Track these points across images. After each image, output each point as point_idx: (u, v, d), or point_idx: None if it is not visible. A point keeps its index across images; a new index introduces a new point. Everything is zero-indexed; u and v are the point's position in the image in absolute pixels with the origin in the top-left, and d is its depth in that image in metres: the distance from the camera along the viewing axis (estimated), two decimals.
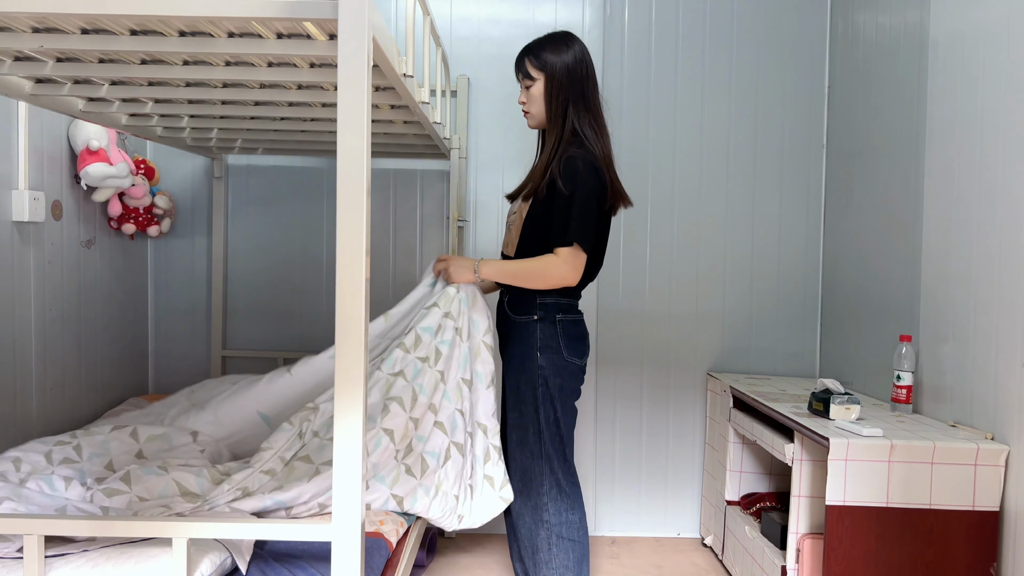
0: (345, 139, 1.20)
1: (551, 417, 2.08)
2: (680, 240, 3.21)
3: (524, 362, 2.09)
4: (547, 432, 2.08)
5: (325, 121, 2.27)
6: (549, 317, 2.09)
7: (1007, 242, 2.02)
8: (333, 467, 1.23)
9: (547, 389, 2.07)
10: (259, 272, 3.24)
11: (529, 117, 2.17)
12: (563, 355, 2.09)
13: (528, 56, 2.12)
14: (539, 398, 2.07)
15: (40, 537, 1.28)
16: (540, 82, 2.10)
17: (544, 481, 2.08)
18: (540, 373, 2.07)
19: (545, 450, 2.08)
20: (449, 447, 1.97)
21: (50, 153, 2.49)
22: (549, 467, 2.08)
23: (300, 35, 1.43)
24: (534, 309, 2.09)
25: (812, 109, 3.19)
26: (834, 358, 3.07)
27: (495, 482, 2.05)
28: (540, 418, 2.07)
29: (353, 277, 1.21)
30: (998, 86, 2.07)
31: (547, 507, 2.08)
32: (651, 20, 3.17)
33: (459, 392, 2.04)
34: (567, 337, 2.10)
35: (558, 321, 2.09)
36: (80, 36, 1.42)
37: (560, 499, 2.08)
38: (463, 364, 2.06)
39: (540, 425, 2.07)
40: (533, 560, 2.10)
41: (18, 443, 2.35)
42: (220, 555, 1.42)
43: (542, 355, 2.07)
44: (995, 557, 2.01)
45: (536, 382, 2.07)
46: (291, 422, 1.95)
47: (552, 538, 2.07)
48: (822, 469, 2.19)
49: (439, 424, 1.99)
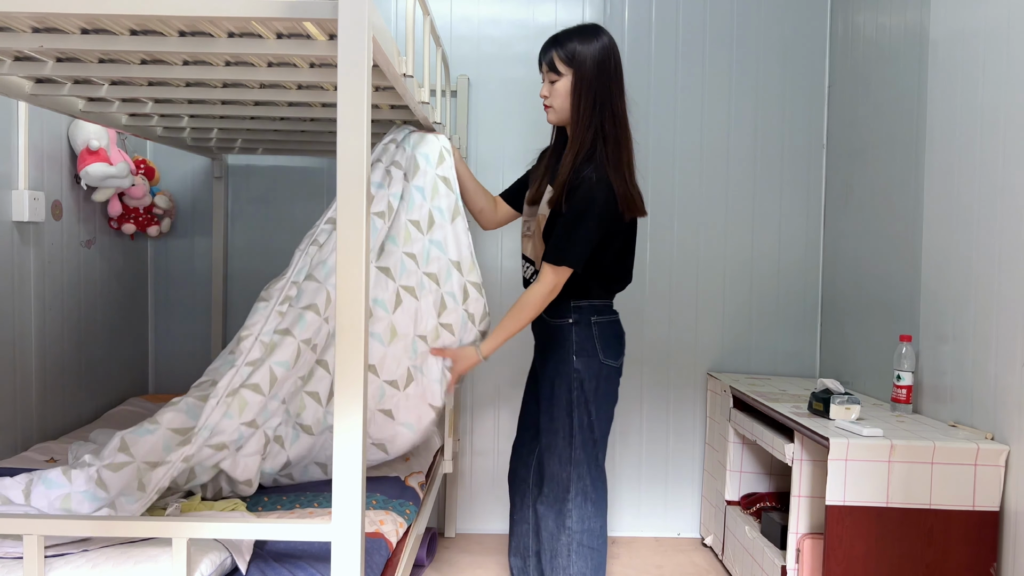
0: (345, 139, 1.20)
1: (584, 422, 2.05)
2: (680, 240, 3.21)
3: (559, 365, 2.06)
4: (579, 437, 2.04)
5: (325, 121, 2.27)
6: (584, 320, 2.06)
7: (1007, 242, 2.02)
8: (333, 468, 1.23)
9: (582, 392, 2.04)
10: (259, 272, 3.23)
11: (551, 112, 2.06)
12: (599, 357, 2.06)
13: (556, 49, 1.99)
14: (573, 401, 2.04)
15: (40, 537, 1.28)
16: (567, 78, 1.99)
17: (571, 487, 2.05)
18: (576, 376, 2.04)
19: (575, 455, 2.05)
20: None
21: (50, 153, 2.49)
22: (577, 473, 2.05)
23: (300, 35, 1.43)
24: (569, 313, 2.07)
25: (812, 109, 3.19)
26: (834, 358, 3.07)
27: (476, 318, 2.10)
28: (573, 422, 2.04)
29: (353, 277, 1.21)
30: (998, 86, 2.07)
31: (571, 513, 2.05)
32: (651, 20, 3.17)
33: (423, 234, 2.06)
34: (604, 339, 2.07)
35: (594, 323, 2.07)
36: (80, 36, 1.42)
37: (585, 506, 2.06)
38: (413, 205, 2.05)
39: (572, 430, 2.04)
40: (551, 565, 2.07)
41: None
42: (220, 555, 1.41)
43: (578, 358, 2.04)
44: (995, 557, 2.01)
45: (572, 385, 2.04)
46: (265, 298, 1.88)
47: (573, 544, 2.04)
48: (822, 469, 2.19)
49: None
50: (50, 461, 2.18)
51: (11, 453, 2.32)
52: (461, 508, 3.25)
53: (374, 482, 2.09)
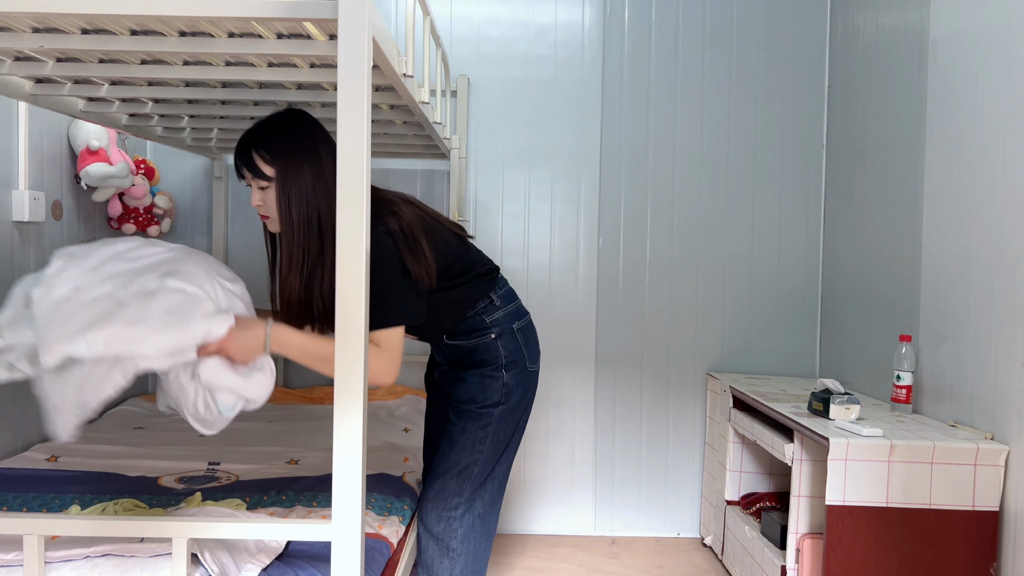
0: (345, 139, 1.20)
1: (506, 438, 1.89)
2: (680, 240, 3.21)
3: (484, 381, 1.86)
4: (487, 452, 1.88)
5: (325, 121, 2.26)
6: (507, 329, 1.89)
7: (1007, 242, 2.02)
8: (333, 468, 1.23)
9: (507, 406, 1.87)
10: (259, 272, 3.23)
11: (270, 223, 1.71)
12: (527, 367, 1.91)
13: (255, 150, 1.63)
14: (496, 416, 1.86)
15: (40, 537, 1.28)
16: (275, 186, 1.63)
17: (460, 504, 1.89)
18: (503, 391, 1.86)
19: (479, 471, 1.88)
20: None
21: (50, 153, 2.49)
22: (471, 490, 1.89)
23: (300, 35, 1.43)
24: (487, 329, 1.87)
25: (812, 109, 3.19)
26: (834, 358, 3.07)
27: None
28: (487, 438, 1.87)
29: (353, 277, 1.21)
30: (998, 86, 2.07)
31: (456, 534, 1.90)
32: (651, 20, 3.17)
33: None
34: (529, 345, 1.93)
35: (516, 331, 1.90)
36: (80, 36, 1.42)
37: (474, 528, 1.91)
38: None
39: (484, 446, 1.87)
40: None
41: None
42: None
43: (508, 372, 1.87)
44: (995, 557, 2.01)
45: (498, 401, 1.86)
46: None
47: (456, 570, 1.91)
48: (822, 469, 2.19)
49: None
50: (51, 460, 2.19)
51: (11, 453, 2.32)
52: None
53: (373, 481, 2.09)
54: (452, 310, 1.84)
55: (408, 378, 3.27)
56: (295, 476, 2.09)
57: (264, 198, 1.66)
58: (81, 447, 2.29)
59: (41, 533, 1.28)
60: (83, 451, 2.27)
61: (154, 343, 1.33)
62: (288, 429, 2.62)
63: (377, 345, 1.61)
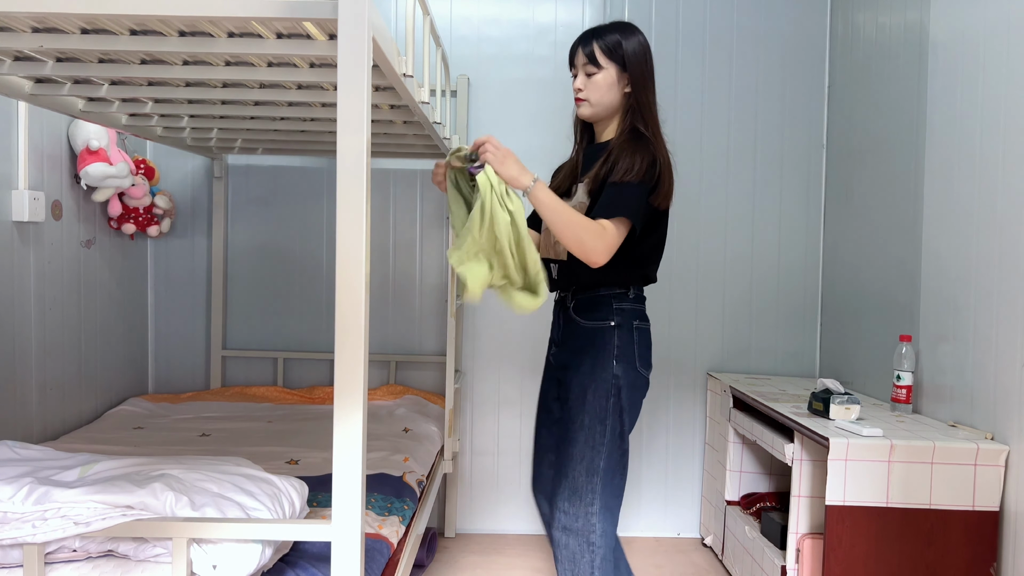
0: (345, 139, 1.20)
1: (617, 430, 1.92)
2: (680, 240, 3.21)
3: (595, 371, 1.90)
4: (608, 447, 1.90)
5: (325, 121, 2.26)
6: (627, 324, 1.92)
7: (1007, 242, 2.02)
8: (333, 468, 1.22)
9: (619, 401, 1.90)
10: (259, 272, 3.24)
11: (584, 106, 1.94)
12: (636, 366, 1.93)
13: (597, 40, 1.91)
14: (610, 409, 1.89)
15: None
16: (608, 71, 1.89)
17: (596, 500, 1.91)
18: (614, 383, 1.89)
19: (605, 465, 1.91)
20: None
21: (50, 153, 2.49)
22: (603, 484, 1.91)
23: (300, 35, 1.43)
24: (610, 315, 1.92)
25: (812, 109, 3.19)
26: (834, 358, 3.07)
27: None
28: (607, 431, 1.90)
29: (353, 277, 1.21)
30: (998, 86, 2.07)
31: (595, 528, 1.92)
32: (651, 20, 3.17)
33: None
34: (642, 347, 1.95)
35: (635, 328, 1.93)
36: (80, 36, 1.42)
37: (606, 519, 1.93)
38: None
39: (604, 439, 1.90)
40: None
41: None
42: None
43: (618, 364, 1.89)
44: (995, 557, 2.01)
45: (609, 392, 1.89)
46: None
47: (596, 561, 1.92)
48: (822, 469, 2.19)
49: None
50: None
51: None
52: (461, 508, 3.25)
53: (373, 482, 2.09)
54: (620, 258, 1.86)
55: (408, 378, 3.27)
56: (295, 476, 2.08)
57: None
58: (81, 447, 2.29)
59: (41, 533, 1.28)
60: (83, 451, 2.26)
61: None
62: (288, 429, 2.62)
63: (603, 228, 1.77)
